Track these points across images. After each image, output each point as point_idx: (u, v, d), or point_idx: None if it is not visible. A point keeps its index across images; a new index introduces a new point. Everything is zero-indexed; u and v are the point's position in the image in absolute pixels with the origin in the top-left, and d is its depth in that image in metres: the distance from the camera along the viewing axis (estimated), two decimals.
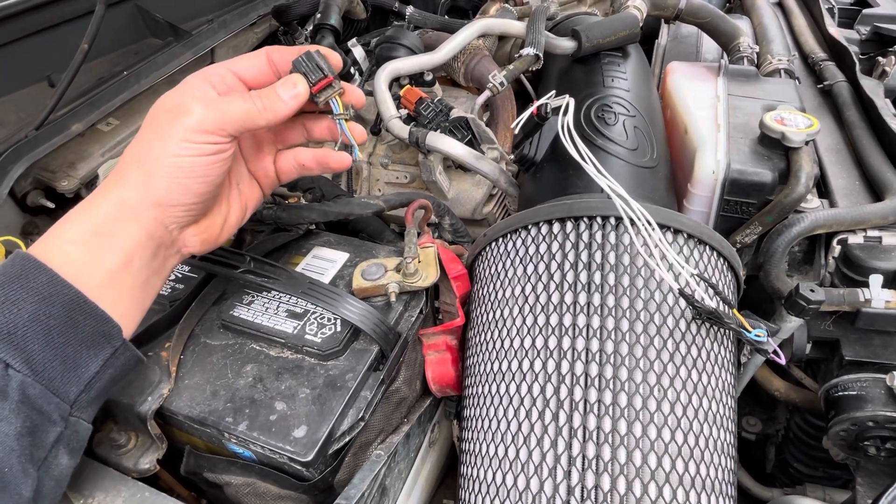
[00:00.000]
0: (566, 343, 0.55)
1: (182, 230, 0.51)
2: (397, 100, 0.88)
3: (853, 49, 1.00)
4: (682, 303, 0.56)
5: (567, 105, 0.66)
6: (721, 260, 0.63)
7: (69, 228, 0.46)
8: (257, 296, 0.63)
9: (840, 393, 0.68)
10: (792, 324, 0.64)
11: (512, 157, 0.84)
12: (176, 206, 0.48)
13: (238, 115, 0.49)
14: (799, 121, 0.72)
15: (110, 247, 0.46)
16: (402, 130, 0.84)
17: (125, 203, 0.47)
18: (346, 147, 0.57)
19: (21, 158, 0.72)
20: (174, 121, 0.47)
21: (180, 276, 0.67)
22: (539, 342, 0.56)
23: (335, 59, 0.53)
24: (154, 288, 0.51)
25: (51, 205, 0.83)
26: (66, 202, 0.86)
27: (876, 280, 0.66)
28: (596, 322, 0.55)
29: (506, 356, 0.58)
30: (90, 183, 0.83)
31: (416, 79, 0.93)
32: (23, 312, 0.41)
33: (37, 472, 0.42)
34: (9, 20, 0.82)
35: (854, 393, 0.66)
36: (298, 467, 0.52)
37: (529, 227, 0.63)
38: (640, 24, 0.92)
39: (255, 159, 0.58)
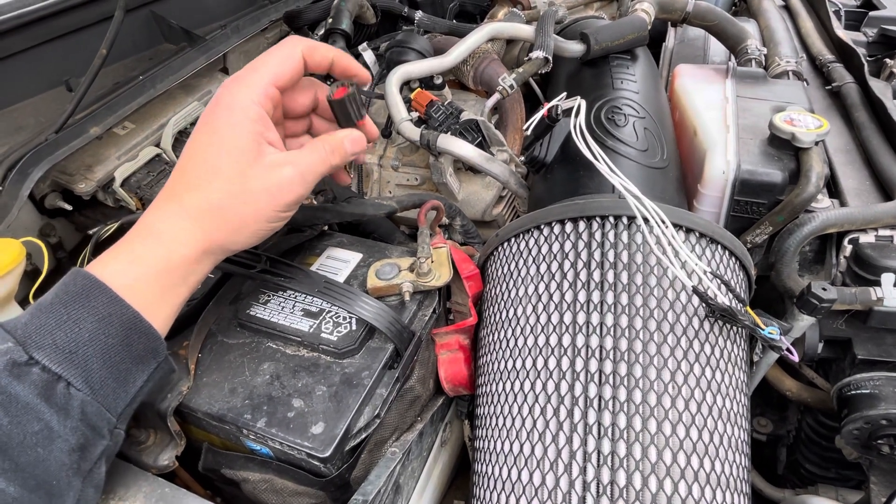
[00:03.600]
0: (580, 340, 0.55)
1: None
2: (408, 103, 0.89)
3: (860, 51, 1.01)
4: (695, 300, 0.57)
5: (579, 106, 0.67)
6: (733, 259, 0.64)
7: (141, 266, 0.47)
8: (273, 295, 0.64)
9: (853, 391, 0.68)
10: (804, 322, 0.65)
11: (522, 159, 0.85)
12: (246, 246, 0.54)
13: (319, 171, 0.54)
14: (808, 121, 0.72)
15: (185, 286, 0.50)
16: (413, 133, 0.85)
17: (207, 252, 0.50)
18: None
19: (41, 161, 0.73)
20: (273, 200, 0.51)
21: None
22: (553, 340, 0.56)
23: (366, 76, 0.59)
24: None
25: (68, 207, 0.84)
26: (83, 204, 0.87)
27: (888, 279, 0.66)
28: (609, 320, 0.55)
29: (519, 354, 0.58)
30: (107, 185, 0.84)
31: (426, 82, 0.94)
32: (83, 332, 0.43)
33: (81, 483, 0.43)
34: (29, 26, 0.83)
35: (867, 391, 0.66)
36: (316, 463, 0.52)
37: (542, 226, 0.63)
38: (648, 27, 0.93)
39: None
